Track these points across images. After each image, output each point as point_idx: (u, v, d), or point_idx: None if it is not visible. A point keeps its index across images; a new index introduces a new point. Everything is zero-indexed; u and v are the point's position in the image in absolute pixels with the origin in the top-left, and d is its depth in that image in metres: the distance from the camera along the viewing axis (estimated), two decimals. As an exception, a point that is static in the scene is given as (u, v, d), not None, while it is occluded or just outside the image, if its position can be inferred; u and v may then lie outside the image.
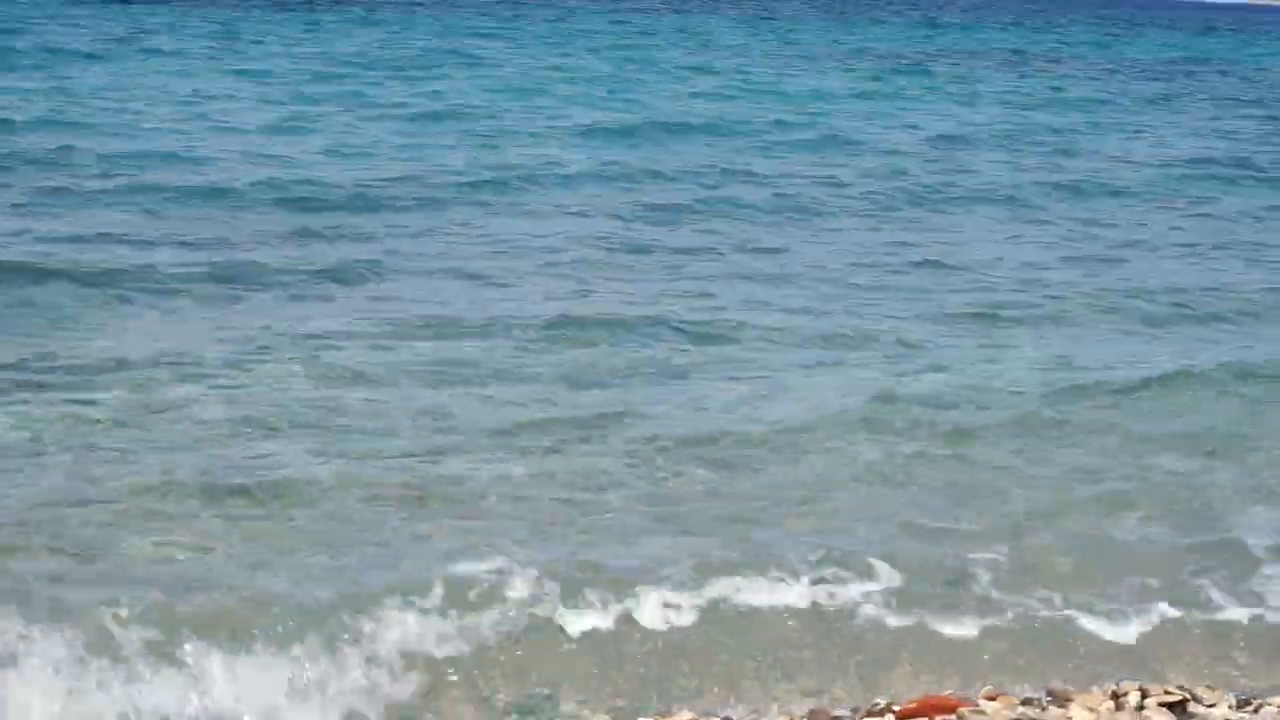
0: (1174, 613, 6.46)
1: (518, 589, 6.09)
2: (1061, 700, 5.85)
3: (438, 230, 13.46)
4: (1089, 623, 6.36)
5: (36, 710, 5.29)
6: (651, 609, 6.12)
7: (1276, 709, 5.73)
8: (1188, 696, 5.84)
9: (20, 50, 26.39)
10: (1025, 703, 5.83)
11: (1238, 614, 6.52)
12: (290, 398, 8.30)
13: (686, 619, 6.14)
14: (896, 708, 5.74)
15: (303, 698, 5.54)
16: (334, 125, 19.76)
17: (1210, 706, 5.82)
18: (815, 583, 6.37)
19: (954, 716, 5.61)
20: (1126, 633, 6.34)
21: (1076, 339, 10.69)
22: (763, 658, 6.07)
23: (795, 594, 6.32)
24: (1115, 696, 5.87)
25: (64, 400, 8.00)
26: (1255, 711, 5.80)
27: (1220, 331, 11.25)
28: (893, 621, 6.25)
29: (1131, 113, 28.00)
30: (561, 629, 6.01)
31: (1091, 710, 5.73)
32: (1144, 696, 5.85)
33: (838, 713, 5.78)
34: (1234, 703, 5.87)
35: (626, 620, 6.08)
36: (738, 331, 10.26)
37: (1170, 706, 5.80)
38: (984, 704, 5.74)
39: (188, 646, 5.57)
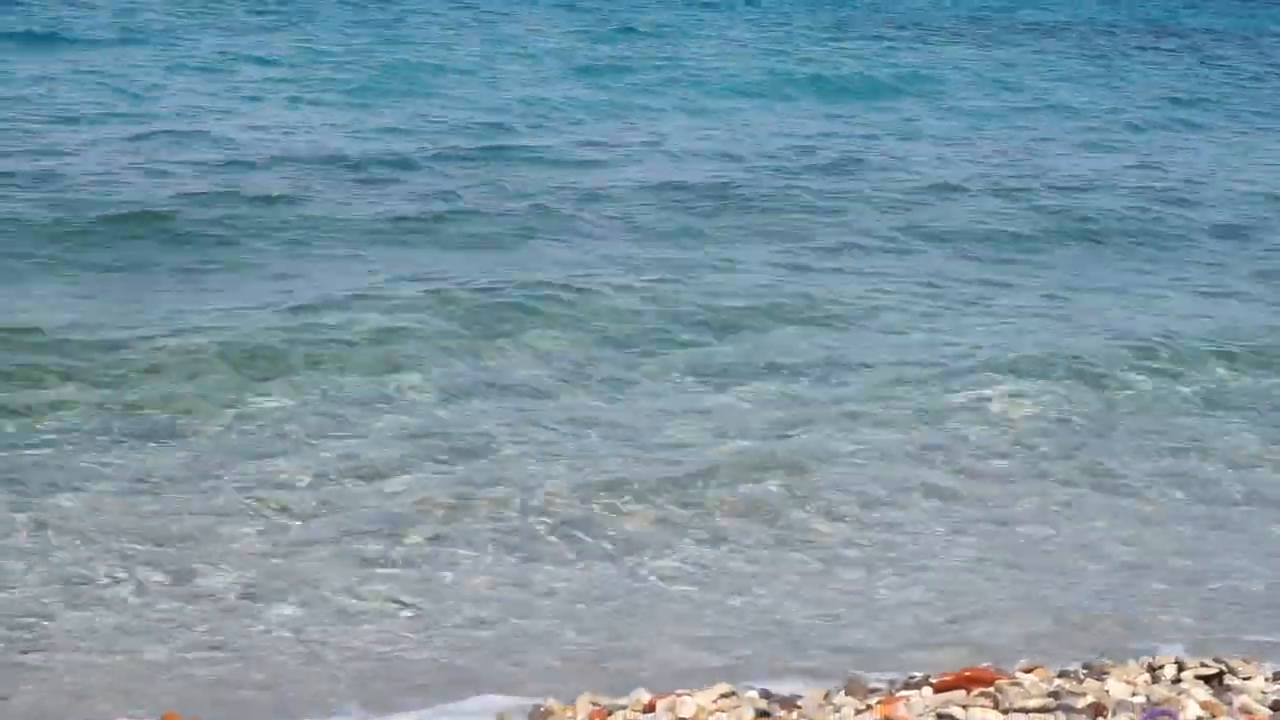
0: None
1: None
2: (1098, 673, 5.87)
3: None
4: None
5: None
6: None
7: (1314, 680, 5.74)
8: (1224, 669, 5.85)
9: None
10: (1062, 675, 5.86)
11: None
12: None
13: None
14: (934, 679, 5.78)
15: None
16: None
17: (1246, 679, 5.84)
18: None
19: (991, 688, 5.64)
20: None
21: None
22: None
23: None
24: (1152, 669, 5.89)
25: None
26: (1292, 684, 5.81)
27: None
28: None
29: None
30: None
31: (1128, 683, 5.74)
32: (1180, 669, 5.86)
33: (875, 684, 5.83)
34: (1270, 675, 5.89)
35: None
36: None
37: (1207, 679, 5.82)
38: (1021, 676, 5.77)
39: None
